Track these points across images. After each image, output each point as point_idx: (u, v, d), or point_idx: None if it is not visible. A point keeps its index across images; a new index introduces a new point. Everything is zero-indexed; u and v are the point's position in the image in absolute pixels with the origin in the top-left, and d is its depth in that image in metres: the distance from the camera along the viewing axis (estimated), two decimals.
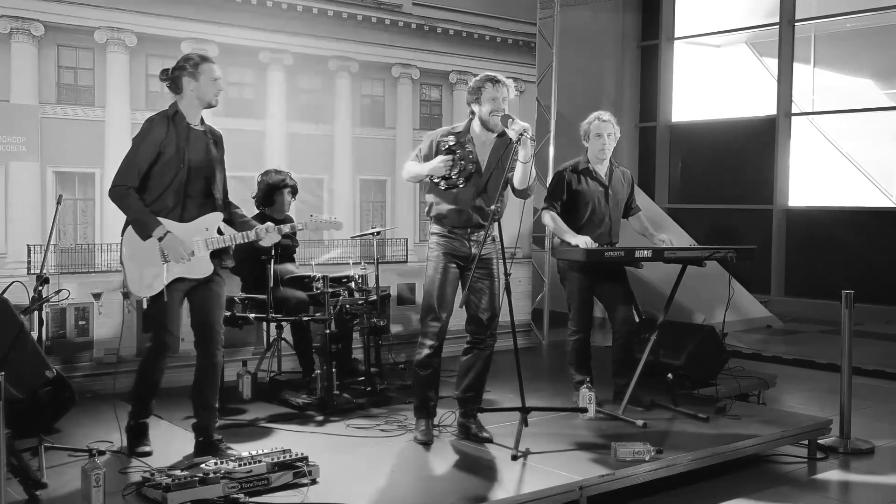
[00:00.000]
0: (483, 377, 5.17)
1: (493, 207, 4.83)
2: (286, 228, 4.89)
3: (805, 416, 6.01)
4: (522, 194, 5.07)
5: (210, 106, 4.70)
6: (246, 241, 4.80)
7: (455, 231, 5.05)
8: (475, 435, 5.06)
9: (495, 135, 5.06)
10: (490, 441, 4.99)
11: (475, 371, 5.13)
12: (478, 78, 5.06)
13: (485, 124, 5.01)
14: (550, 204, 5.90)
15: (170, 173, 4.56)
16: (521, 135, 4.77)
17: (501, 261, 5.04)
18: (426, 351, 5.05)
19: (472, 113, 5.08)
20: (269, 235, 4.79)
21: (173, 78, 4.65)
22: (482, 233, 5.00)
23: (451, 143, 5.00)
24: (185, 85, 4.62)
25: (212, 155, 4.73)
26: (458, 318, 5.18)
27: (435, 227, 5.11)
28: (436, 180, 5.02)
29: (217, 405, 4.80)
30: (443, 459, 4.76)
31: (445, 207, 5.04)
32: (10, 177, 5.99)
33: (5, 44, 5.95)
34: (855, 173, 12.31)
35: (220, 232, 4.77)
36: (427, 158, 5.07)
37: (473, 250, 5.00)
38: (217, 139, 4.82)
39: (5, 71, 5.95)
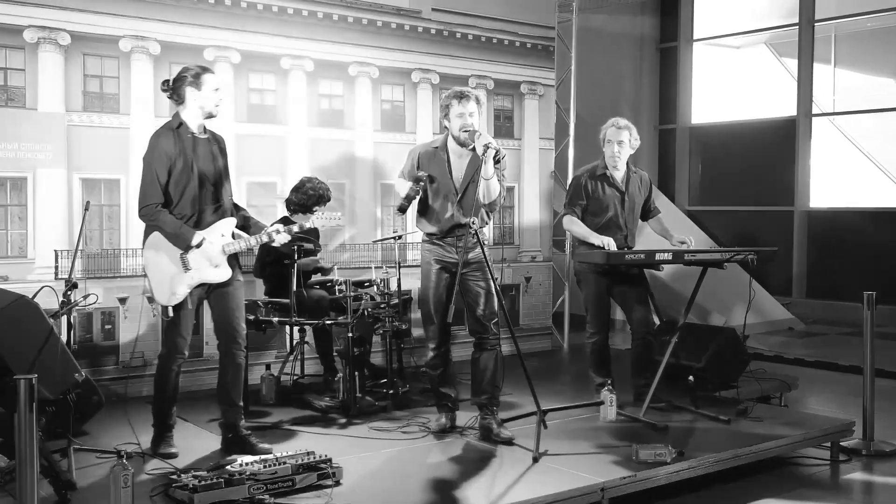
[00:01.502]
0: (496, 377, 5.27)
1: (467, 220, 4.94)
2: (294, 227, 4.98)
3: (827, 418, 6.00)
4: (489, 207, 5.23)
5: (210, 116, 4.82)
6: (259, 243, 4.94)
7: (442, 240, 5.22)
8: (497, 435, 5.12)
9: (470, 148, 5.17)
10: (511, 441, 5.05)
11: (487, 372, 5.26)
12: (446, 94, 5.25)
13: (456, 140, 5.19)
14: (571, 209, 5.94)
15: (182, 184, 4.70)
16: (485, 149, 4.91)
17: (497, 265, 5.23)
18: (430, 353, 5.35)
19: (446, 128, 5.26)
20: (280, 236, 4.91)
21: (175, 88, 4.77)
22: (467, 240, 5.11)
23: (423, 177, 5.19)
24: (188, 95, 4.74)
25: (218, 162, 4.88)
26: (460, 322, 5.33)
27: (424, 237, 5.35)
28: (402, 202, 5.24)
29: (241, 403, 4.95)
30: (465, 461, 4.81)
31: (427, 220, 5.29)
32: (38, 184, 6.09)
33: (33, 53, 6.05)
34: (877, 173, 12.23)
35: (234, 236, 4.89)
36: (408, 172, 5.32)
37: (458, 255, 5.12)
38: (221, 145, 4.94)
39: (33, 80, 6.06)
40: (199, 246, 4.68)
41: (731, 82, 13.83)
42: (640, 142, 6.00)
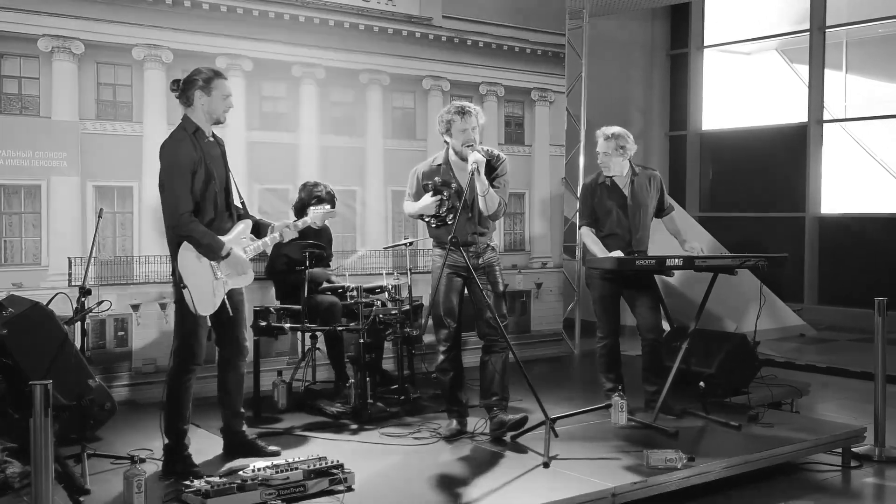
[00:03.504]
0: (504, 378, 5.36)
1: (451, 238, 5.02)
2: (300, 224, 5.03)
3: (839, 424, 5.99)
4: (491, 218, 5.32)
5: (218, 122, 4.72)
6: (274, 243, 4.95)
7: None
8: (509, 421, 5.21)
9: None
10: (525, 421, 5.19)
11: (496, 374, 5.34)
12: (445, 110, 5.31)
13: (458, 154, 5.29)
14: (586, 221, 5.99)
15: (203, 190, 4.60)
16: (473, 168, 5.04)
17: (499, 270, 5.41)
18: (441, 356, 5.39)
19: (447, 142, 5.33)
20: (288, 232, 4.93)
21: (184, 90, 4.64)
22: (476, 246, 5.27)
23: (437, 184, 5.23)
24: (197, 99, 4.61)
25: (226, 165, 4.80)
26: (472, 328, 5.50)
27: (434, 243, 5.45)
28: (426, 219, 5.29)
29: (243, 409, 4.98)
30: (475, 466, 4.82)
31: (437, 231, 5.36)
32: (52, 191, 6.14)
33: (47, 62, 6.10)
34: (889, 179, 12.21)
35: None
36: (415, 194, 5.37)
37: (469, 261, 5.21)
38: (223, 148, 4.83)
39: (47, 88, 6.12)
40: (227, 256, 4.59)
41: (742, 88, 13.82)
42: (635, 146, 5.95)
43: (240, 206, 4.91)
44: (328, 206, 5.36)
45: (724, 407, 6.06)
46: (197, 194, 4.56)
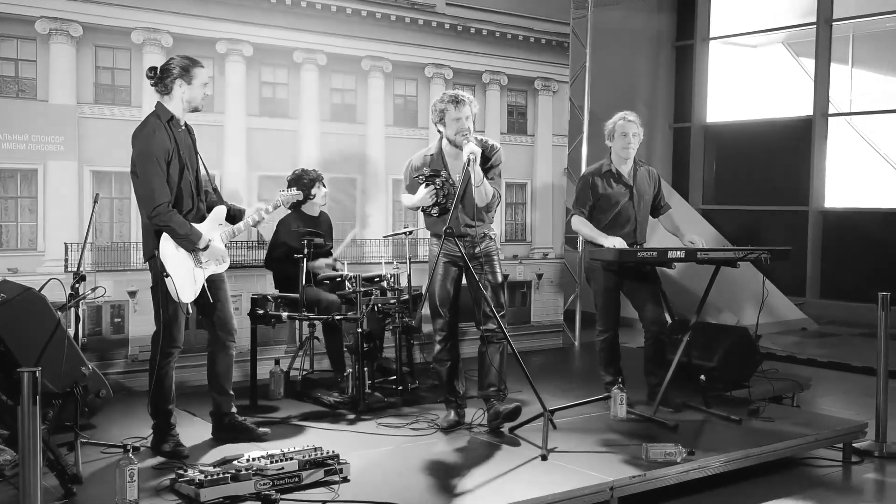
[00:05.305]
0: (502, 369, 5.32)
1: (446, 229, 4.98)
2: (271, 208, 5.04)
3: (840, 419, 5.94)
4: (485, 209, 5.28)
5: (196, 110, 4.76)
6: (247, 227, 5.00)
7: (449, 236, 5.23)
8: (503, 412, 5.16)
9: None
10: (518, 411, 5.15)
11: (494, 365, 5.30)
12: (439, 99, 5.27)
13: (452, 143, 5.23)
14: (579, 209, 5.93)
15: (178, 179, 4.65)
16: (467, 161, 4.97)
17: (497, 260, 5.37)
18: (438, 346, 5.38)
19: (440, 132, 5.29)
20: (262, 215, 4.98)
21: (161, 78, 4.66)
22: (472, 236, 5.24)
23: (427, 174, 5.21)
24: (177, 88, 4.64)
25: (197, 152, 4.84)
26: (470, 318, 5.48)
27: (430, 232, 5.42)
28: (426, 210, 5.25)
29: (232, 392, 5.01)
30: (473, 458, 4.77)
31: (432, 220, 5.32)
32: (49, 176, 6.08)
33: (45, 45, 6.04)
34: (893, 174, 12.14)
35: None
36: (409, 186, 5.35)
37: (465, 250, 5.19)
38: (194, 136, 4.88)
39: (44, 71, 6.05)
40: (206, 248, 4.67)
41: (748, 81, 13.74)
42: (643, 135, 6.01)
43: (213, 192, 4.98)
44: (294, 189, 5.37)
45: (724, 401, 6.03)
46: (173, 185, 4.62)
